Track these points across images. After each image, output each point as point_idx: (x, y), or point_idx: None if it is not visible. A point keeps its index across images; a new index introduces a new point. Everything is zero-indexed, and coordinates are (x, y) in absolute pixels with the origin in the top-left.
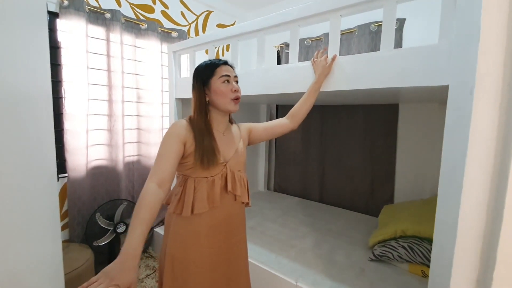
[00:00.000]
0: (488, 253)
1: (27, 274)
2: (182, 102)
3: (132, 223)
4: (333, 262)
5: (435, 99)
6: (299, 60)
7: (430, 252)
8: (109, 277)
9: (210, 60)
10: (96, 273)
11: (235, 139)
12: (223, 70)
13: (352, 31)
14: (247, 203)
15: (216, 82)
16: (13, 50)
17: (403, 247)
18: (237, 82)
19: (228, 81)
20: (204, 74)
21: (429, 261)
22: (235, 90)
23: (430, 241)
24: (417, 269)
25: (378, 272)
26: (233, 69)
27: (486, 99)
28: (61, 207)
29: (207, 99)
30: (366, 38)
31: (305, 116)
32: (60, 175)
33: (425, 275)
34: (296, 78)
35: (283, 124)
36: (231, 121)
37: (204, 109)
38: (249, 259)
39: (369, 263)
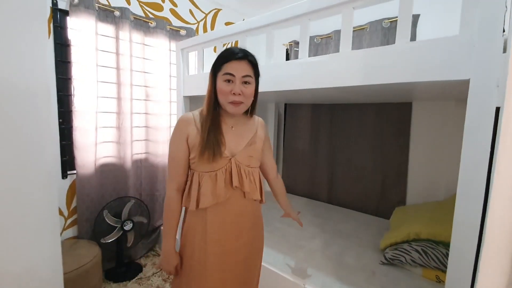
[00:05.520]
0: None
1: (24, 274)
2: (190, 99)
3: (165, 228)
4: (342, 264)
5: (451, 96)
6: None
7: (446, 256)
8: (164, 269)
9: (227, 50)
10: (104, 270)
11: (247, 133)
12: (229, 67)
13: (364, 28)
14: (261, 200)
15: (220, 79)
16: (11, 44)
17: (416, 250)
18: (246, 82)
19: (231, 80)
20: (215, 65)
21: (444, 266)
22: (234, 93)
23: (445, 245)
24: (431, 274)
25: (389, 276)
26: (251, 65)
27: None
28: (71, 203)
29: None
30: (378, 34)
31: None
32: (69, 172)
33: (440, 281)
34: (307, 74)
35: (272, 172)
36: (252, 113)
37: (213, 101)
38: None
39: (380, 266)
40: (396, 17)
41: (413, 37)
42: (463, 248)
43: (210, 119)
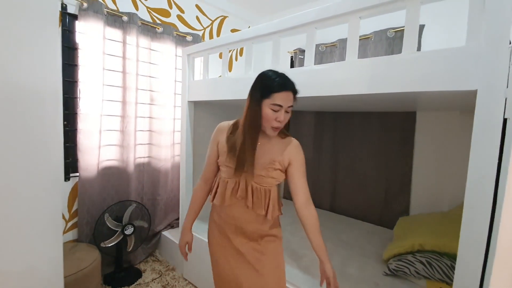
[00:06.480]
0: None
1: (25, 275)
2: (195, 104)
3: (188, 207)
4: (345, 275)
5: (456, 106)
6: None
7: (450, 268)
8: (179, 244)
9: (276, 77)
10: (103, 275)
11: (270, 152)
12: (279, 99)
13: (368, 37)
14: (265, 216)
15: (267, 105)
16: (23, 48)
17: (420, 262)
18: (288, 112)
19: (278, 110)
20: (263, 90)
21: (449, 278)
22: (278, 121)
23: (450, 256)
24: (435, 286)
25: None
26: (294, 94)
27: None
28: (72, 206)
29: None
30: (383, 44)
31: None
32: (71, 174)
33: None
34: (312, 82)
35: (297, 198)
36: (285, 134)
37: (259, 124)
38: None
39: (384, 277)
40: (401, 27)
41: (418, 47)
42: (470, 260)
43: (247, 138)
